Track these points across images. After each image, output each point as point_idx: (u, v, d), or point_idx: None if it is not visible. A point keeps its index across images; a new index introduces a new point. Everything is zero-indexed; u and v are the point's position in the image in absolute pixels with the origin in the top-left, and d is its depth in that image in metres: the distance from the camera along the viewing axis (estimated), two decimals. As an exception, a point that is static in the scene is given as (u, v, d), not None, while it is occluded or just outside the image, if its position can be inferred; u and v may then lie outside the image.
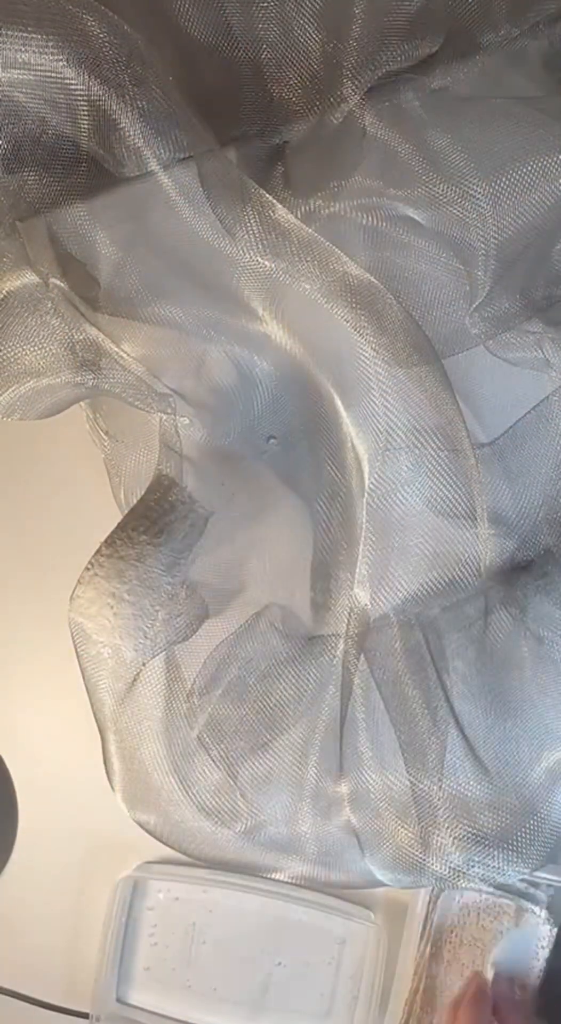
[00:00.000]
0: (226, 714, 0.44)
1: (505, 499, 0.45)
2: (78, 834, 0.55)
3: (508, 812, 0.43)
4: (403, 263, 0.41)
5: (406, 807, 0.43)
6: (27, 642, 0.54)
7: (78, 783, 0.54)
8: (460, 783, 0.43)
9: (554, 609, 0.44)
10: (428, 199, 0.39)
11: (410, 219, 0.40)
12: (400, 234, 0.41)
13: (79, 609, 0.41)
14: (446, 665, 0.43)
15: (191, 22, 0.38)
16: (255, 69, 0.39)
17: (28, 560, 0.53)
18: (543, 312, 0.41)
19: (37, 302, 0.40)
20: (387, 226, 0.40)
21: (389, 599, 0.43)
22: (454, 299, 0.41)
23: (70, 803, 0.55)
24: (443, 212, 0.39)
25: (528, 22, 0.41)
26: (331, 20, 0.38)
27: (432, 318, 0.41)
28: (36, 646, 0.54)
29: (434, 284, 0.41)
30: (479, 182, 0.38)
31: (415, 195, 0.39)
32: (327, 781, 0.44)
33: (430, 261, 0.41)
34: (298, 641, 0.46)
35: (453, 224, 0.39)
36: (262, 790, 0.44)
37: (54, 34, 0.34)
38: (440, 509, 0.42)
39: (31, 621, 0.53)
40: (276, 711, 0.44)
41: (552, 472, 0.46)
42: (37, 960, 0.56)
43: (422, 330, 0.38)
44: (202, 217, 0.38)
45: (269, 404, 0.44)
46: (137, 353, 0.41)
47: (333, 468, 0.44)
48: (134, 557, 0.41)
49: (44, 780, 0.55)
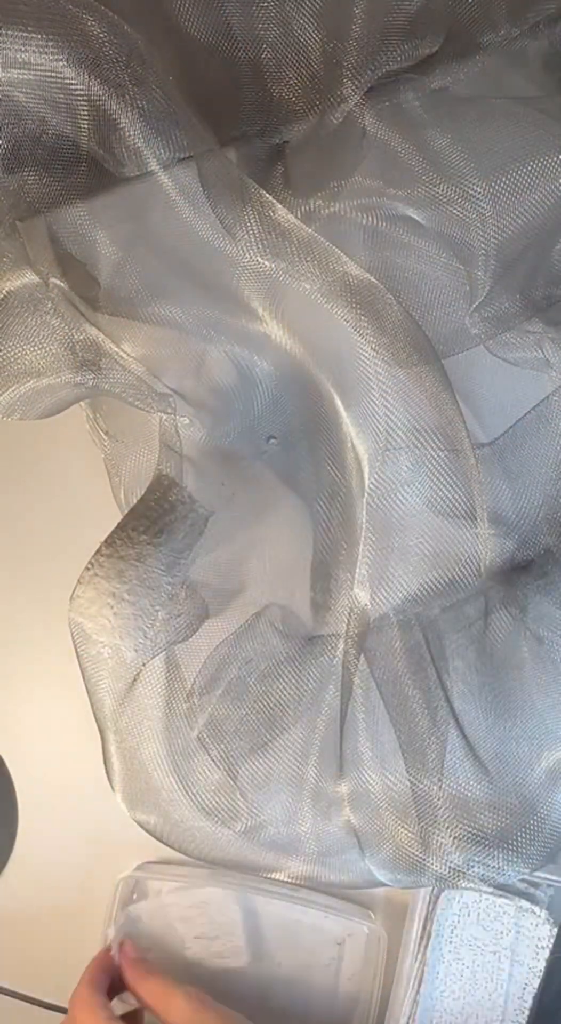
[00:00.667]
0: (226, 714, 0.44)
1: (505, 499, 0.45)
2: (78, 834, 0.55)
3: (508, 812, 0.43)
4: (403, 263, 0.41)
5: (406, 807, 0.43)
6: (27, 642, 0.54)
7: (78, 783, 0.54)
8: (460, 783, 0.43)
9: (554, 609, 0.44)
10: (428, 199, 0.39)
11: (410, 219, 0.40)
12: (400, 234, 0.41)
13: (79, 609, 0.41)
14: (446, 665, 0.43)
15: (191, 22, 0.38)
16: (255, 69, 0.39)
17: (28, 560, 0.53)
18: (543, 312, 0.41)
19: (37, 302, 0.40)
20: (387, 226, 0.40)
21: (389, 599, 0.43)
22: (454, 299, 0.41)
23: (70, 803, 0.55)
24: (443, 212, 0.39)
25: (528, 22, 0.41)
26: (331, 20, 0.38)
27: (432, 318, 0.41)
28: (36, 646, 0.53)
29: (434, 284, 0.41)
30: (479, 182, 0.38)
31: (415, 195, 0.39)
32: (327, 781, 0.44)
33: (430, 261, 0.41)
34: (298, 641, 0.46)
35: (453, 224, 0.39)
36: (262, 790, 0.44)
37: (54, 34, 0.34)
38: (440, 509, 0.42)
39: (31, 621, 0.53)
40: (276, 711, 0.44)
41: (552, 472, 0.46)
42: (37, 960, 0.56)
43: (422, 330, 0.38)
44: (202, 217, 0.38)
45: (269, 404, 0.44)
46: (137, 353, 0.41)
47: (333, 468, 0.44)
48: (134, 557, 0.41)
49: (44, 780, 0.55)
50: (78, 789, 0.54)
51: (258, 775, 0.44)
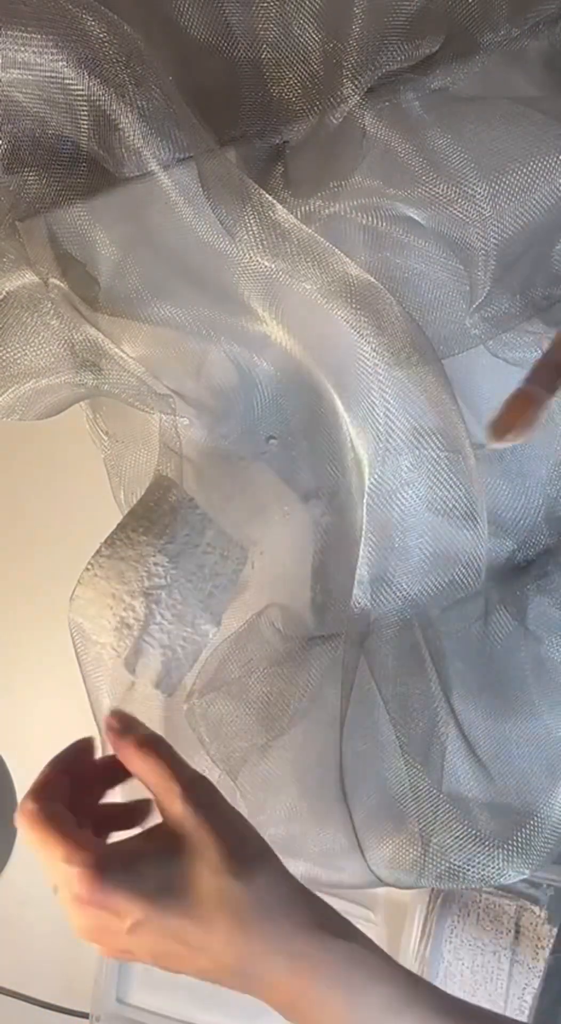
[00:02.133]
0: (227, 715, 0.44)
1: (505, 499, 0.45)
2: (78, 834, 0.55)
3: (508, 812, 0.43)
4: (403, 263, 0.41)
5: (406, 807, 0.43)
6: (27, 643, 0.54)
7: (78, 783, 0.54)
8: (460, 783, 0.43)
9: (554, 609, 0.44)
10: (428, 199, 0.39)
11: (410, 219, 0.40)
12: (400, 234, 0.41)
13: (78, 609, 0.41)
14: (446, 665, 0.43)
15: (191, 22, 0.38)
16: (255, 69, 0.39)
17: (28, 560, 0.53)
18: (543, 312, 0.41)
19: (37, 302, 0.40)
20: (387, 226, 0.40)
21: (389, 599, 0.43)
22: (454, 299, 0.41)
23: (70, 803, 0.55)
24: (443, 212, 0.39)
25: (528, 22, 0.40)
26: (331, 20, 0.38)
27: (432, 318, 0.41)
28: (36, 646, 0.53)
29: (434, 284, 0.41)
30: (479, 182, 0.38)
31: (415, 195, 0.39)
32: (327, 781, 0.44)
33: (430, 261, 0.41)
34: (298, 641, 0.46)
35: (453, 224, 0.39)
36: (262, 790, 0.44)
37: (54, 34, 0.34)
38: (440, 510, 0.42)
39: (31, 621, 0.53)
40: (276, 711, 0.44)
41: (552, 472, 0.46)
42: (37, 960, 0.56)
43: (422, 330, 0.38)
44: (202, 217, 0.38)
45: (269, 404, 0.44)
46: (137, 353, 0.41)
47: (333, 469, 0.44)
48: (134, 558, 0.41)
49: (44, 780, 0.55)
50: (78, 789, 0.54)
51: (258, 776, 0.44)
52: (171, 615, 0.41)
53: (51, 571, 0.52)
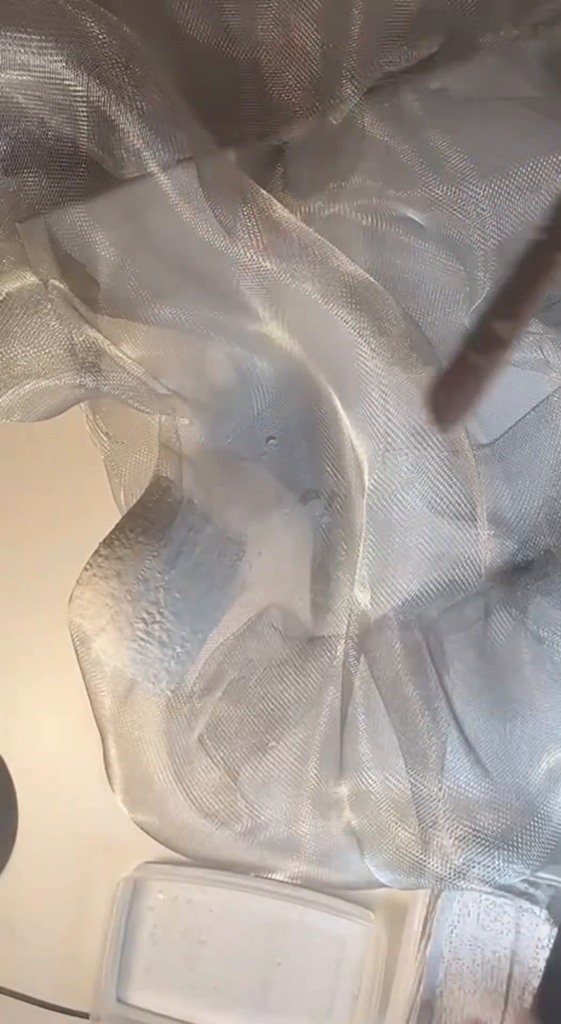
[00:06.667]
0: (226, 715, 0.44)
1: (505, 500, 0.45)
2: (78, 834, 0.55)
3: (508, 812, 0.43)
4: (403, 264, 0.41)
5: (406, 808, 0.43)
6: (27, 643, 0.54)
7: (78, 783, 0.54)
8: (460, 783, 0.43)
9: (554, 610, 0.44)
10: (428, 200, 0.39)
11: (410, 220, 0.40)
12: (400, 235, 0.41)
13: (77, 610, 0.41)
14: (446, 666, 0.43)
15: (191, 23, 0.38)
16: (255, 70, 0.39)
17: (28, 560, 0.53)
18: (543, 312, 0.41)
19: (37, 304, 0.40)
20: (387, 227, 0.40)
21: (389, 600, 0.43)
22: (454, 300, 0.41)
23: (70, 803, 0.55)
24: (443, 213, 0.39)
25: (528, 22, 0.40)
26: (331, 21, 0.38)
27: (432, 319, 0.41)
28: (36, 647, 0.54)
29: (434, 285, 0.41)
30: (479, 183, 0.38)
31: (415, 196, 0.39)
32: (327, 782, 0.44)
33: (430, 262, 0.41)
34: (298, 642, 0.46)
35: (453, 225, 0.39)
36: (262, 791, 0.44)
37: (53, 35, 0.34)
38: (440, 510, 0.42)
39: (31, 622, 0.53)
40: (276, 712, 0.44)
41: (552, 472, 0.46)
42: (37, 960, 0.56)
43: (422, 331, 0.38)
44: (202, 218, 0.38)
45: (269, 405, 0.44)
46: (137, 354, 0.41)
47: (332, 469, 0.44)
48: (132, 558, 0.41)
49: (44, 780, 0.55)
50: (78, 790, 0.54)
51: (258, 776, 0.44)
52: (170, 615, 0.41)
53: (51, 571, 0.52)
